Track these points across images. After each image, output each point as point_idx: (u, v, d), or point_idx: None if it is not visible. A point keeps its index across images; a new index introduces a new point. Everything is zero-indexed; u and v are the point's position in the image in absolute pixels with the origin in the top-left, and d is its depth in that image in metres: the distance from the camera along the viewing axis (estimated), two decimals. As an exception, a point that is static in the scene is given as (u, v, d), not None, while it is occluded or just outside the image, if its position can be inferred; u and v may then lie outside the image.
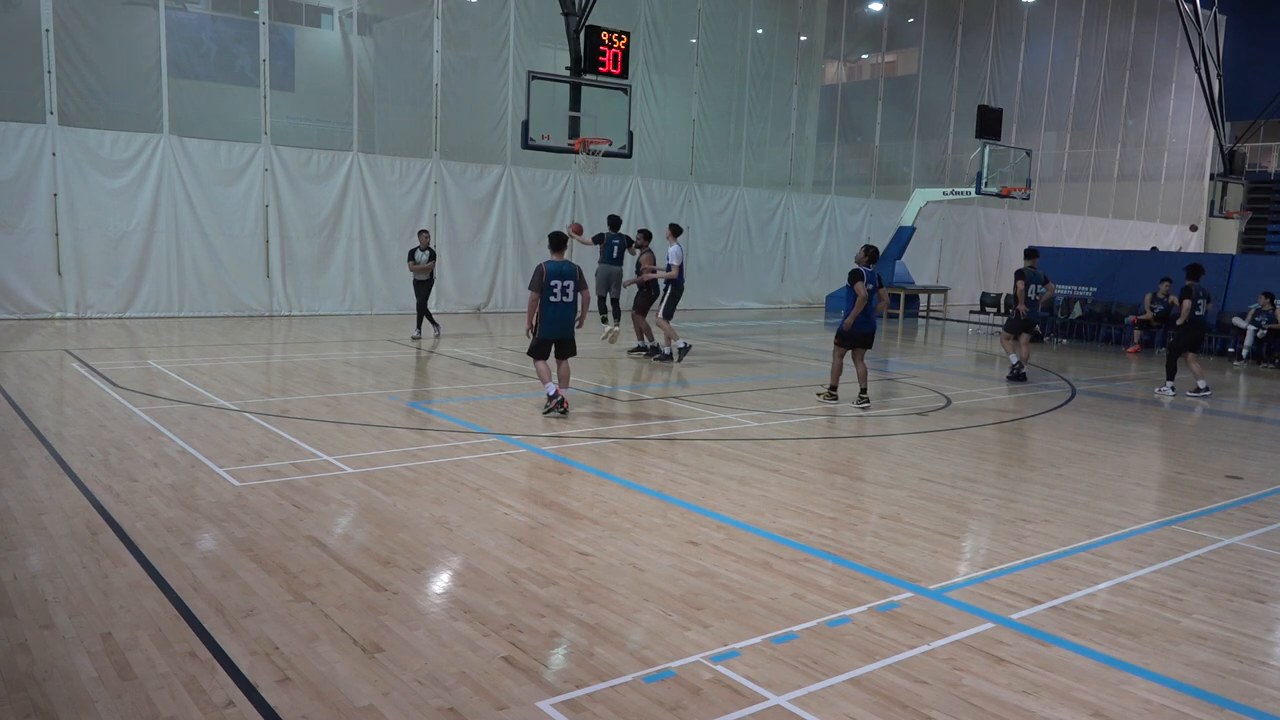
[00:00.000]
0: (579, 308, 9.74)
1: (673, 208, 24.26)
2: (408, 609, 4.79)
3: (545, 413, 9.65)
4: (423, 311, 15.60)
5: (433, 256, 15.38)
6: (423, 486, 6.97)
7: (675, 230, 13.89)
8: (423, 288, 15.45)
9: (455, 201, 20.59)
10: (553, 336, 9.63)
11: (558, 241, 9.75)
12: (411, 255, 15.35)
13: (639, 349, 14.41)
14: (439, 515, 6.31)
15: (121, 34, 17.06)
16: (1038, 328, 20.04)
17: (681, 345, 13.98)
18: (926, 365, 15.58)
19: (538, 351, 9.68)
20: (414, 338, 15.52)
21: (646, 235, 14.19)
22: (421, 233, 15.83)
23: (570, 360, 9.93)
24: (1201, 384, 12.89)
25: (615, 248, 14.89)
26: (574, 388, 11.49)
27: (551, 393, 9.64)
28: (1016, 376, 13.57)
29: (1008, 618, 4.94)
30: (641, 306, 14.11)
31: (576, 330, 9.80)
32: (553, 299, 9.51)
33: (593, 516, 6.40)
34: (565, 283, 9.51)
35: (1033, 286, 13.67)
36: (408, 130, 20.09)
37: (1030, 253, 14.04)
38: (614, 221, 15.24)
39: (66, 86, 16.20)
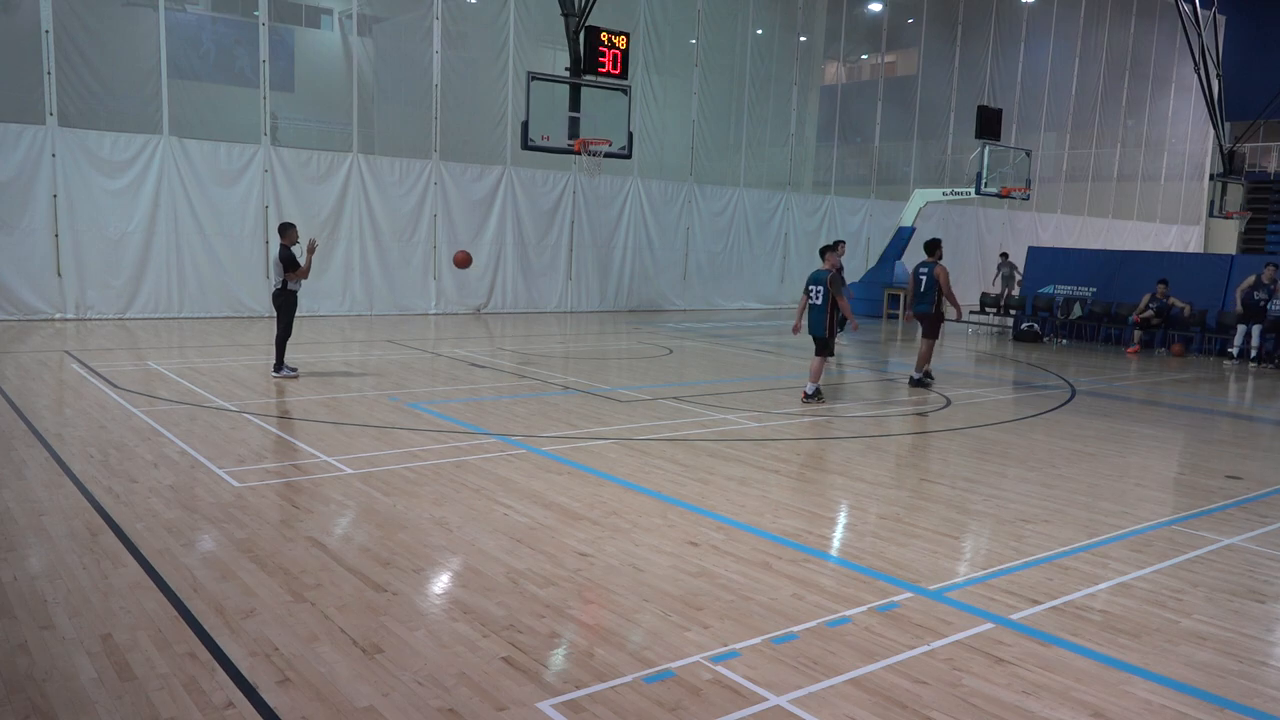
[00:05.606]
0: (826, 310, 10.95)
1: (672, 208, 24.29)
2: (408, 610, 4.79)
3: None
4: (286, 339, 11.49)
5: None
6: (422, 487, 6.97)
7: None
8: (295, 305, 11.45)
9: (455, 202, 20.60)
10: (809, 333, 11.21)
11: (823, 250, 11.32)
12: (293, 257, 11.18)
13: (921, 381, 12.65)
14: (439, 516, 6.31)
15: (121, 35, 17.07)
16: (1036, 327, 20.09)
17: None
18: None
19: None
20: (293, 372, 11.56)
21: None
22: (291, 226, 11.43)
23: (817, 359, 11.17)
24: None
25: (923, 279, 12.69)
26: (573, 388, 11.50)
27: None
28: None
29: (1008, 618, 4.94)
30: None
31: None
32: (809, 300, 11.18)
33: (592, 517, 6.40)
34: (815, 287, 11.03)
35: None
36: (408, 131, 20.10)
37: None
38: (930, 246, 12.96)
39: (66, 87, 16.21)
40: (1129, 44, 34.53)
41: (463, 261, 12.90)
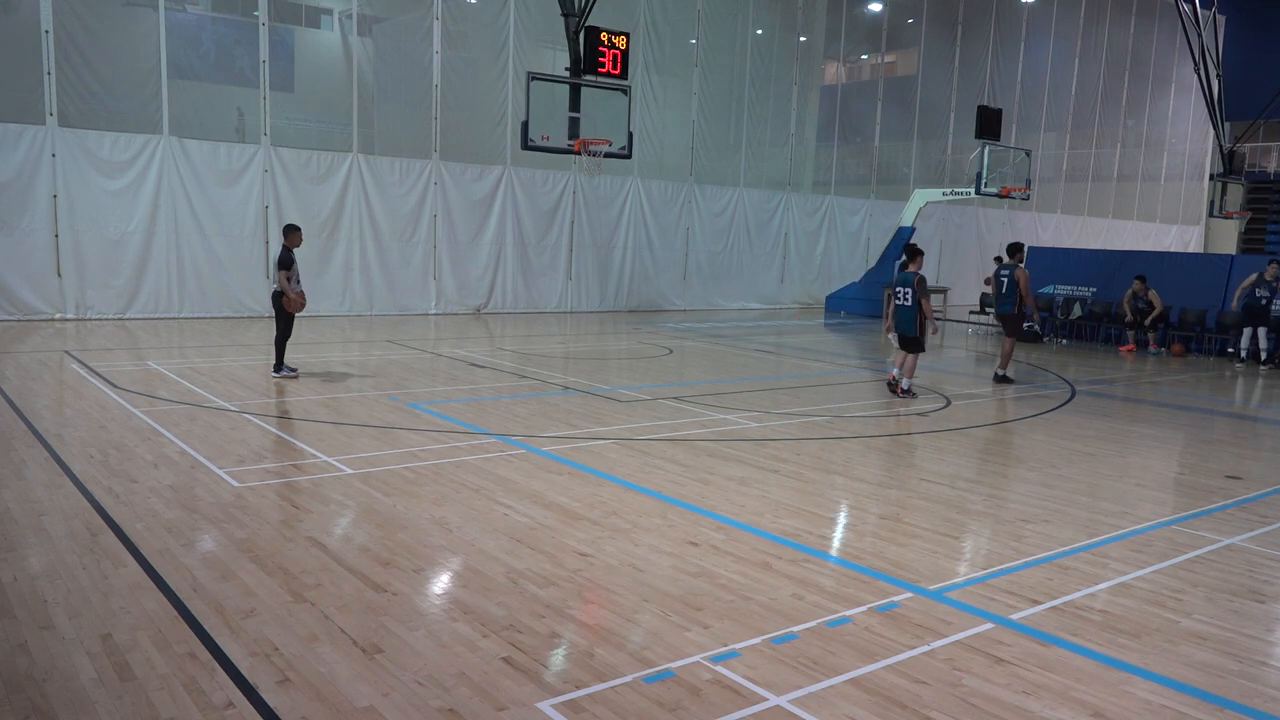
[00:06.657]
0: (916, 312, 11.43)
1: (672, 208, 24.29)
2: (407, 610, 4.79)
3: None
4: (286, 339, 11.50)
5: None
6: (422, 487, 6.97)
7: None
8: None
9: (455, 202, 20.60)
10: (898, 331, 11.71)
11: (910, 254, 11.71)
12: (291, 261, 11.09)
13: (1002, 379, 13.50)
14: (439, 516, 6.31)
15: (121, 35, 17.08)
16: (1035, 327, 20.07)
17: None
18: (927, 365, 15.55)
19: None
20: (293, 373, 11.57)
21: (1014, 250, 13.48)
22: (296, 230, 11.38)
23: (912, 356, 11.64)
24: None
25: (1004, 282, 13.46)
26: (573, 388, 11.50)
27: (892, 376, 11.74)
28: None
29: (1007, 618, 4.94)
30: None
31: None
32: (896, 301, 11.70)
33: (592, 517, 6.40)
34: (904, 289, 11.59)
35: None
36: (408, 131, 20.10)
37: None
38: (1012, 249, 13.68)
39: (66, 88, 16.20)
40: (1129, 44, 34.52)
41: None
